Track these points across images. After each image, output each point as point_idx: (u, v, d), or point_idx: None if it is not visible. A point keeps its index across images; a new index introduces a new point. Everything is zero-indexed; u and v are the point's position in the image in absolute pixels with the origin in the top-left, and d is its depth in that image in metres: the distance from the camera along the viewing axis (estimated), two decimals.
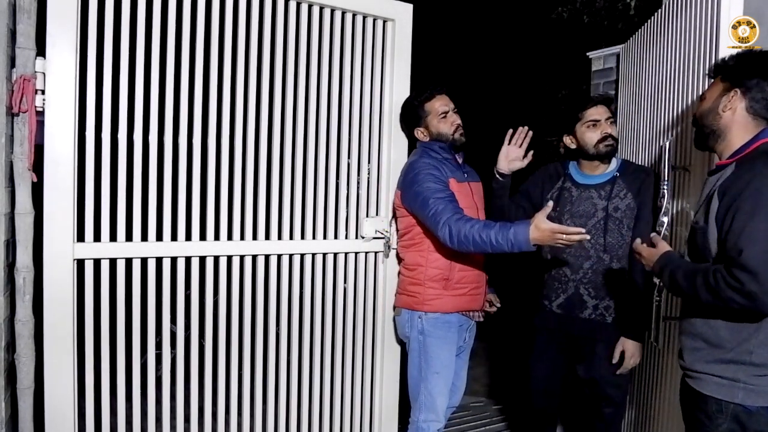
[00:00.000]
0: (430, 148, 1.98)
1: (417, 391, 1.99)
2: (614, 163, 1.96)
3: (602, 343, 1.91)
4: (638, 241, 1.47)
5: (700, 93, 1.47)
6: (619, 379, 1.93)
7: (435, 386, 1.94)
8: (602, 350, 1.92)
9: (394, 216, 2.12)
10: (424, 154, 1.98)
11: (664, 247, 1.40)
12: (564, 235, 1.59)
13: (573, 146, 1.97)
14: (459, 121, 2.00)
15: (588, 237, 1.61)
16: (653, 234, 1.47)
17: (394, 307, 2.12)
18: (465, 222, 1.73)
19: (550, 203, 1.69)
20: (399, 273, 2.11)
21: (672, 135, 1.94)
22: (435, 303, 1.93)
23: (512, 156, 1.99)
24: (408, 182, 1.92)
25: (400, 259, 2.11)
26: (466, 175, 2.02)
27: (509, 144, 1.99)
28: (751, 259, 1.12)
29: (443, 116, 1.98)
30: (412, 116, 2.04)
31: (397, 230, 2.10)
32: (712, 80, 1.43)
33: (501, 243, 1.66)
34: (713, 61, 1.48)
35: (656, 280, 1.78)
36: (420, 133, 2.03)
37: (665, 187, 1.80)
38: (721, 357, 1.25)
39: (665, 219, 1.79)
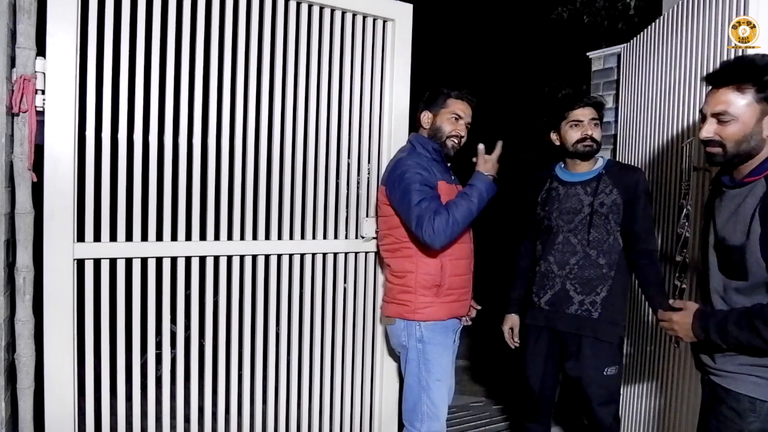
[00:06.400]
0: (423, 146, 1.93)
1: (415, 402, 1.92)
2: (600, 162, 2.00)
3: (588, 338, 1.92)
4: (661, 311, 1.42)
5: (721, 110, 1.27)
6: (605, 380, 1.92)
7: (438, 394, 1.89)
8: (588, 347, 1.92)
9: (376, 214, 2.06)
10: (414, 151, 1.92)
11: (692, 306, 1.34)
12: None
13: (557, 143, 2.02)
14: (463, 134, 1.97)
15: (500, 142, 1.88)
16: (672, 300, 1.43)
17: (385, 317, 2.02)
18: (442, 214, 1.75)
19: (481, 145, 1.87)
20: (385, 280, 2.04)
21: (692, 135, 1.92)
22: (427, 312, 1.87)
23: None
24: (395, 179, 1.85)
25: (384, 265, 2.05)
26: (453, 178, 2.00)
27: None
28: None
29: (455, 118, 1.94)
30: (433, 99, 1.98)
31: (377, 230, 2.04)
32: (735, 92, 1.25)
33: (478, 202, 1.81)
34: (739, 68, 1.27)
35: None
36: (425, 117, 1.97)
37: (686, 187, 1.79)
38: (758, 362, 1.25)
39: (686, 221, 1.77)
